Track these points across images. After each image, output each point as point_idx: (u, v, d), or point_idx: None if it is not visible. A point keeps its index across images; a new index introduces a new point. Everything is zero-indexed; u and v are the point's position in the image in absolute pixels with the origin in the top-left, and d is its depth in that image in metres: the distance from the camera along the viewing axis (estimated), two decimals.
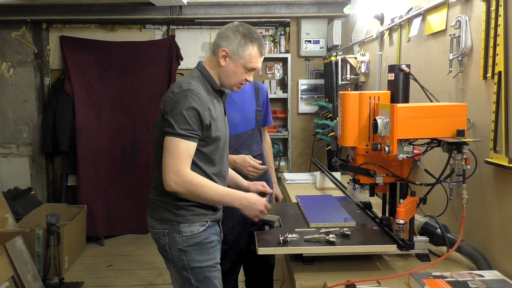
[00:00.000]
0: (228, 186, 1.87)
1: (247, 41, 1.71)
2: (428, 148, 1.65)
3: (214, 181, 1.73)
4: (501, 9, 1.55)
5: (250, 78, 1.79)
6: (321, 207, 2.13)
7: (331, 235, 1.68)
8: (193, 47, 4.77)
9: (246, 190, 1.89)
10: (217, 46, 1.73)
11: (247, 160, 2.20)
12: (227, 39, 1.71)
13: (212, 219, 1.78)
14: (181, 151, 1.60)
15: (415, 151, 1.61)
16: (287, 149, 4.71)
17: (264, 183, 1.95)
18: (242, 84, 1.80)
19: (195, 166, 1.67)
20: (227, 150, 1.86)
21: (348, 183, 1.88)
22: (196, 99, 1.63)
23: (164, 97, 1.71)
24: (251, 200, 1.71)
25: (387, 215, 1.89)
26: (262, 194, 1.87)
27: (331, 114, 4.05)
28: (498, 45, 1.57)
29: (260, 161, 2.26)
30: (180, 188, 1.61)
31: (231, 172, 1.98)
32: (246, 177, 2.13)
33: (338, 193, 2.69)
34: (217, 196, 1.66)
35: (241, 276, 2.53)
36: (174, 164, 1.59)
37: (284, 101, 4.69)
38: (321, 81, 4.61)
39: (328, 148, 4.11)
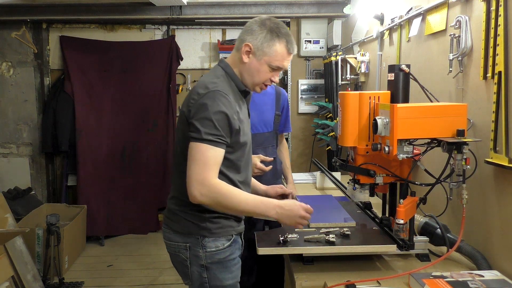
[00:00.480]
0: None
1: (273, 36, 1.55)
2: (428, 148, 1.65)
3: (240, 189, 1.59)
4: (501, 9, 1.55)
5: (276, 78, 1.63)
6: (321, 207, 2.13)
7: (331, 235, 1.68)
8: (193, 47, 4.76)
9: (264, 194, 1.81)
10: (241, 40, 1.58)
11: (255, 160, 2.21)
12: (251, 33, 1.55)
13: (237, 232, 1.64)
14: (208, 158, 1.44)
15: (415, 151, 1.62)
16: None
17: (282, 185, 1.87)
18: (265, 85, 1.64)
19: (221, 175, 1.52)
20: (251, 155, 1.74)
21: (348, 183, 1.88)
22: (224, 102, 1.48)
23: (187, 99, 1.55)
24: (286, 206, 1.51)
25: (387, 215, 1.89)
26: (283, 196, 1.81)
27: (331, 114, 4.05)
28: (498, 45, 1.57)
29: (271, 158, 2.30)
30: (207, 199, 1.45)
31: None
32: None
33: (338, 193, 2.69)
34: (249, 206, 1.50)
35: None
36: (200, 173, 1.43)
37: None
38: (321, 81, 4.61)
39: (328, 148, 4.11)
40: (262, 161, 2.26)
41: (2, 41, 4.59)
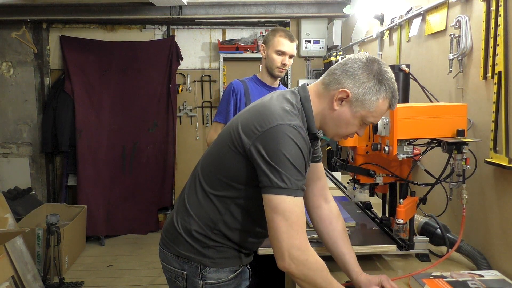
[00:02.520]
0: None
1: (381, 89, 1.23)
2: (428, 148, 1.64)
3: (258, 231, 1.39)
4: (501, 9, 1.55)
5: (361, 132, 1.33)
6: None
7: None
8: (193, 47, 4.77)
9: (366, 282, 1.42)
10: (337, 81, 1.25)
11: None
12: (354, 78, 1.23)
13: (245, 262, 1.43)
14: (298, 215, 1.17)
15: (415, 151, 1.61)
16: None
17: (385, 276, 1.42)
18: (347, 136, 1.37)
19: (240, 209, 1.32)
20: None
21: (348, 183, 1.88)
22: (301, 142, 1.18)
23: (250, 119, 1.24)
24: None
25: (387, 215, 1.89)
26: None
27: None
28: (498, 45, 1.57)
29: None
30: (298, 272, 1.19)
31: (348, 255, 1.49)
32: None
33: (338, 193, 2.69)
34: None
35: None
36: (295, 236, 1.17)
37: None
38: None
39: (328, 148, 4.11)
40: None
41: (2, 41, 4.59)
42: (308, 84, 1.35)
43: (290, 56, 2.44)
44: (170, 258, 1.40)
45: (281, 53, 2.40)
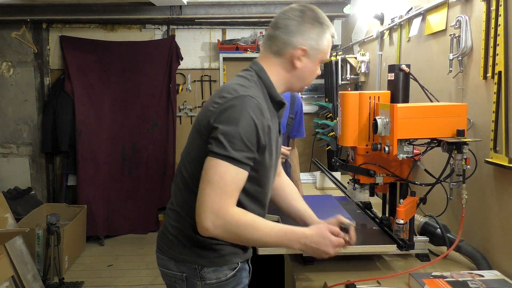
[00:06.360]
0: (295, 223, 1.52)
1: (324, 29, 1.33)
2: (428, 148, 1.64)
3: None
4: (501, 9, 1.55)
5: (319, 71, 1.42)
6: (321, 207, 2.12)
7: None
8: (193, 47, 4.77)
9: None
10: (287, 44, 1.31)
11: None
12: (301, 34, 1.30)
13: (243, 259, 1.39)
14: (228, 183, 1.17)
15: (415, 151, 1.61)
16: None
17: (340, 216, 1.41)
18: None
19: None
20: (273, 175, 1.44)
21: (348, 183, 1.88)
22: (256, 111, 1.20)
23: (208, 104, 1.28)
24: (313, 239, 1.26)
25: (387, 215, 1.89)
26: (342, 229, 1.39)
27: (331, 114, 4.05)
28: (498, 45, 1.57)
29: (289, 148, 2.38)
30: (222, 232, 1.20)
31: (302, 209, 1.56)
32: None
33: (338, 193, 2.69)
34: (271, 238, 1.24)
35: None
36: (217, 201, 1.17)
37: None
38: (321, 81, 4.61)
39: (328, 148, 4.11)
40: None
41: (2, 41, 4.59)
42: (258, 61, 1.39)
43: None
44: (167, 262, 1.38)
45: None
